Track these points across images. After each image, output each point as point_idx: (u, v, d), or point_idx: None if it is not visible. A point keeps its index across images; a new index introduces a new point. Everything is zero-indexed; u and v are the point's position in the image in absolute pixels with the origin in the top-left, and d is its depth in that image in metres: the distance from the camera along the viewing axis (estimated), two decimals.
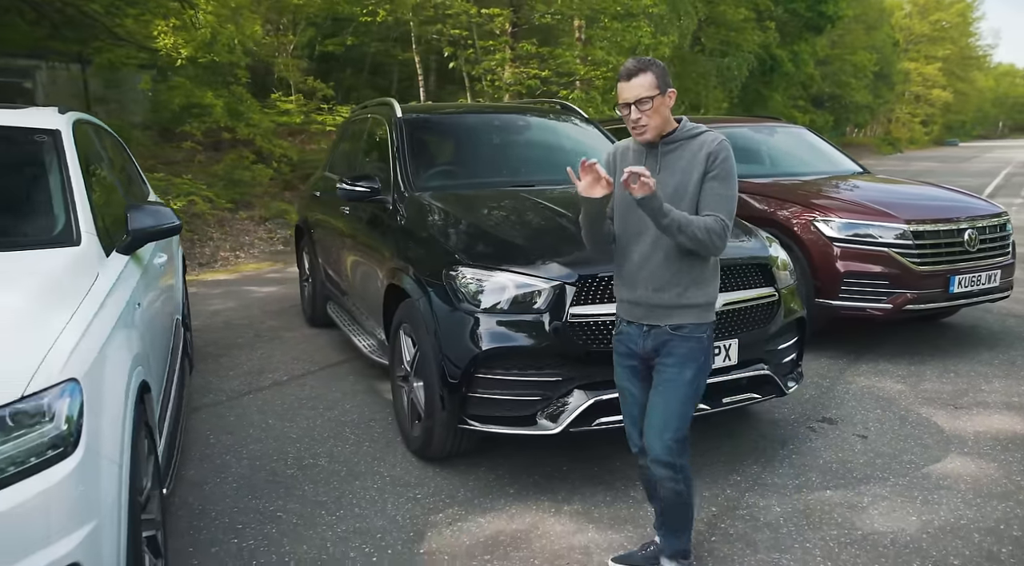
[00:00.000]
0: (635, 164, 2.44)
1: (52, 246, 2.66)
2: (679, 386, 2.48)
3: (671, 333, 2.47)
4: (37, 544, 1.71)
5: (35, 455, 1.76)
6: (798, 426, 4.17)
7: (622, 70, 2.42)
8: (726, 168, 2.40)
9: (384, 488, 3.48)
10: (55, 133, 3.14)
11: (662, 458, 2.49)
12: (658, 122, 2.40)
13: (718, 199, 2.38)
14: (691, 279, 2.45)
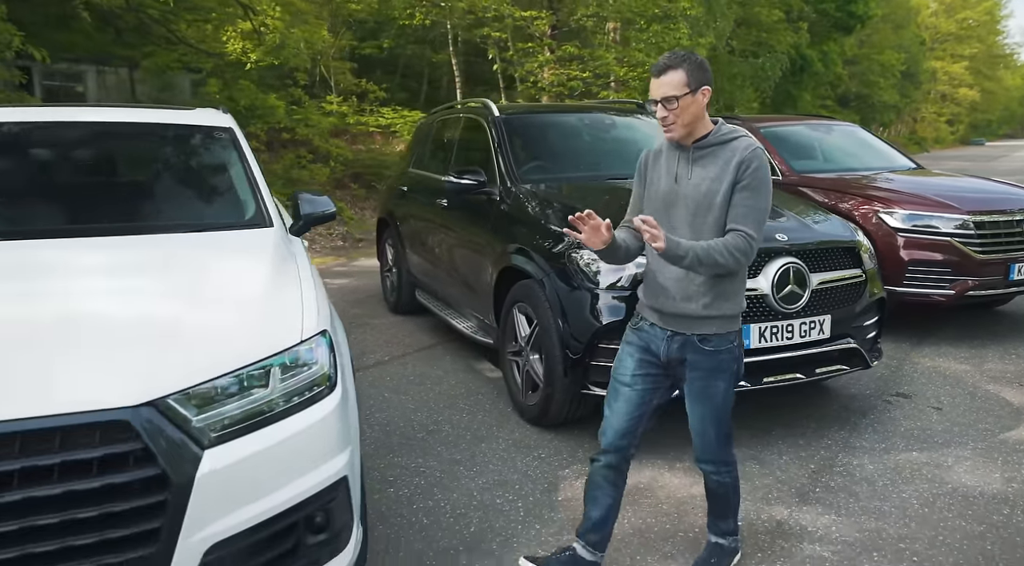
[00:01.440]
0: (667, 167, 2.45)
1: (251, 228, 3.07)
2: (714, 396, 2.50)
3: (698, 344, 2.44)
4: (322, 459, 2.11)
5: (308, 391, 2.15)
6: (875, 399, 4.51)
7: (655, 65, 2.37)
8: (758, 177, 2.33)
9: (509, 449, 3.87)
10: (230, 130, 3.56)
11: (710, 458, 2.61)
12: (687, 121, 2.33)
13: (746, 211, 2.32)
14: (719, 291, 2.41)
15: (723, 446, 2.60)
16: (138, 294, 2.30)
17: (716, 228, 2.37)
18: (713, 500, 2.74)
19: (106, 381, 1.82)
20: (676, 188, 2.42)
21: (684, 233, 2.38)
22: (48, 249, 2.62)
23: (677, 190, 2.42)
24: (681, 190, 2.41)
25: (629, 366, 2.55)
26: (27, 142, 3.32)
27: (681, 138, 2.38)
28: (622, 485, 2.65)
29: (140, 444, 1.76)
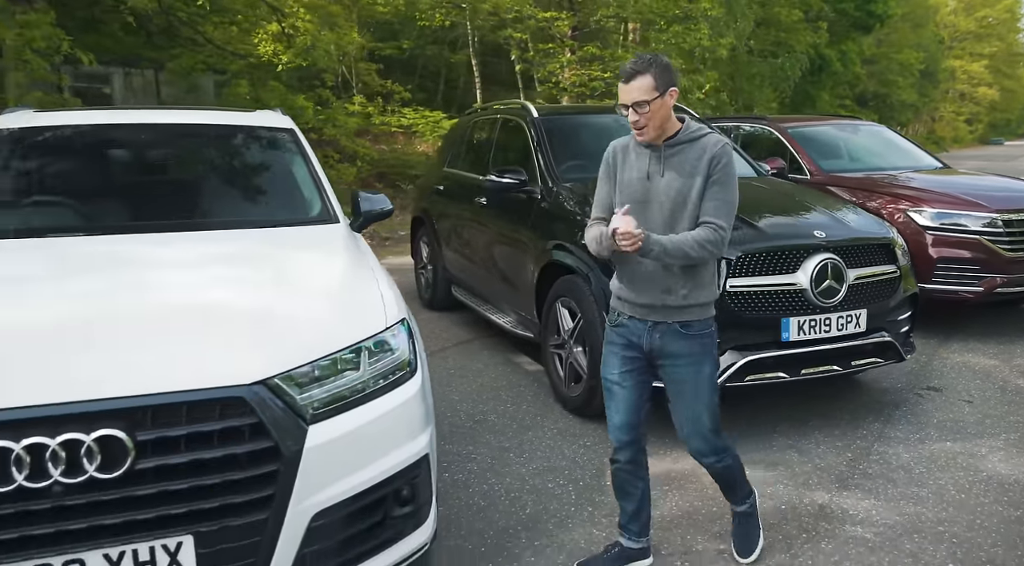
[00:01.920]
0: (638, 166, 2.51)
1: (319, 224, 3.25)
2: (700, 383, 2.55)
3: (681, 330, 2.51)
4: (407, 437, 2.27)
5: (392, 374, 2.31)
6: (907, 392, 4.64)
7: (621, 70, 2.45)
8: (727, 172, 2.43)
9: (555, 437, 4.03)
10: (292, 131, 3.75)
11: (703, 449, 2.64)
12: (657, 123, 2.42)
13: (718, 205, 2.41)
14: (695, 282, 2.50)
15: (718, 434, 2.64)
16: (235, 284, 2.48)
17: (691, 223, 2.45)
18: (723, 483, 2.81)
19: (222, 362, 1.99)
20: (649, 186, 2.48)
21: (659, 230, 2.44)
22: (140, 243, 2.81)
23: (650, 188, 2.48)
24: (654, 187, 2.47)
25: (615, 365, 2.62)
26: (109, 143, 3.51)
27: (653, 139, 2.46)
28: (646, 474, 2.76)
29: (254, 419, 1.94)
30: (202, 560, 1.89)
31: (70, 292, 2.30)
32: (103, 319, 2.12)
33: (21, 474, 1.75)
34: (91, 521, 1.81)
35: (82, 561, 1.81)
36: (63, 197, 3.16)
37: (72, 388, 1.83)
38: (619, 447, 2.68)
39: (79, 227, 2.99)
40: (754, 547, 2.86)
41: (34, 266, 2.57)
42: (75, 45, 7.11)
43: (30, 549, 1.78)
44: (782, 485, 3.47)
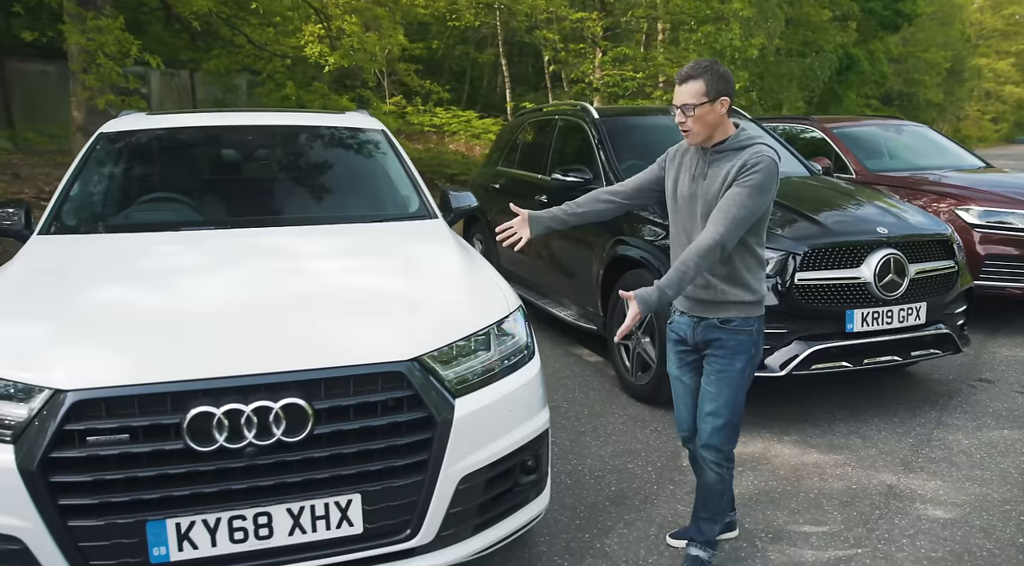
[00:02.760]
0: (692, 166, 2.57)
1: (420, 219, 3.48)
2: (730, 377, 2.57)
3: (720, 326, 2.56)
4: (531, 413, 2.50)
5: (515, 356, 2.53)
6: (960, 384, 4.81)
7: (679, 72, 2.48)
8: (753, 181, 2.39)
9: (626, 423, 4.25)
10: (384, 132, 3.99)
11: (711, 443, 2.63)
12: (701, 129, 2.45)
13: (728, 208, 2.39)
14: (733, 280, 2.53)
15: (731, 436, 2.64)
16: (374, 272, 2.72)
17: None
18: (707, 499, 2.73)
19: (381, 341, 2.23)
20: (694, 188, 2.55)
21: (697, 229, 2.52)
22: (272, 236, 3.05)
23: (695, 190, 2.55)
24: (699, 189, 2.54)
25: (673, 360, 2.75)
26: (224, 143, 3.78)
27: (700, 142, 2.51)
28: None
29: (411, 391, 2.17)
30: (367, 516, 2.13)
31: (235, 279, 2.55)
32: (273, 302, 2.38)
33: (221, 436, 1.99)
34: (277, 479, 2.05)
35: (269, 514, 2.05)
36: (187, 194, 3.42)
37: (261, 361, 2.08)
38: (687, 437, 2.81)
39: (207, 221, 3.25)
40: None
41: (189, 256, 2.82)
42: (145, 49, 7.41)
43: (227, 502, 2.02)
44: (850, 467, 3.67)
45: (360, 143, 3.92)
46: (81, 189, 3.36)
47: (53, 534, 1.93)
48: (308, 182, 3.66)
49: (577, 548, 2.99)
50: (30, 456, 1.91)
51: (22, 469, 1.91)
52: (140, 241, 2.96)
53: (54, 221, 3.17)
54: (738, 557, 2.92)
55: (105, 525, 1.95)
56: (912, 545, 2.99)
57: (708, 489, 2.72)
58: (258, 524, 2.05)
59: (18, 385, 1.99)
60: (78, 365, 2.02)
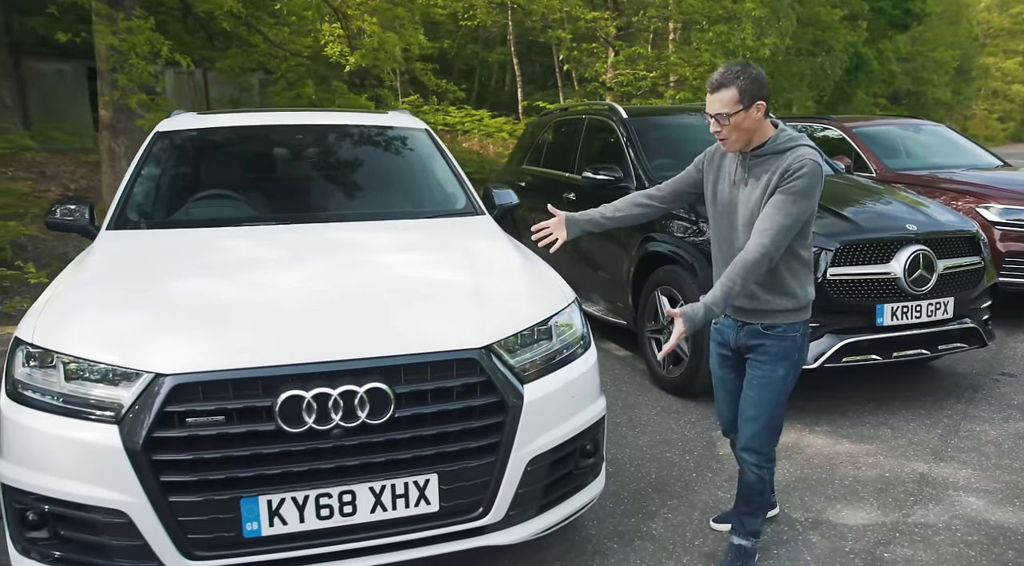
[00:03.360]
0: (731, 171, 2.55)
1: (468, 215, 3.60)
2: (772, 382, 2.55)
3: (763, 331, 2.54)
4: (590, 400, 2.63)
5: (573, 346, 2.65)
6: (983, 378, 4.92)
7: (710, 80, 2.41)
8: (797, 186, 2.34)
9: (660, 414, 4.36)
10: (428, 131, 4.11)
11: (751, 446, 2.64)
12: (739, 136, 2.40)
13: (772, 217, 2.35)
14: (778, 289, 2.50)
15: (771, 438, 2.65)
16: (439, 265, 2.85)
17: None
18: (748, 496, 2.74)
19: (455, 329, 2.35)
20: (734, 193, 2.53)
21: (740, 243, 2.48)
22: (334, 231, 3.17)
23: (735, 195, 2.52)
24: (740, 195, 2.51)
25: (715, 360, 2.78)
26: (277, 142, 3.91)
27: (737, 149, 2.47)
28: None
29: (484, 377, 2.29)
30: (444, 495, 2.25)
31: (310, 271, 2.67)
32: (349, 292, 2.51)
33: (310, 418, 2.12)
34: (362, 459, 2.18)
35: (353, 492, 2.17)
36: (245, 190, 3.55)
37: (345, 348, 2.20)
38: (727, 431, 2.91)
39: (267, 217, 3.38)
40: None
41: (260, 250, 2.95)
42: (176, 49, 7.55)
43: (315, 480, 2.15)
44: (881, 456, 3.78)
45: (406, 142, 4.04)
46: (142, 186, 3.49)
47: (156, 509, 2.05)
48: (359, 179, 3.79)
49: (625, 531, 3.11)
50: (135, 436, 2.04)
51: (128, 448, 2.04)
52: (208, 236, 3.09)
53: (120, 217, 3.30)
54: (780, 540, 3.04)
55: (203, 501, 2.08)
56: (948, 529, 3.10)
57: (749, 487, 2.73)
58: (343, 502, 2.17)
59: (121, 370, 2.12)
60: (176, 351, 2.14)
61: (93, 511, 2.07)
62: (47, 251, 8.23)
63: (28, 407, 2.17)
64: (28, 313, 2.49)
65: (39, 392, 2.19)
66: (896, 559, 2.89)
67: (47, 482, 2.10)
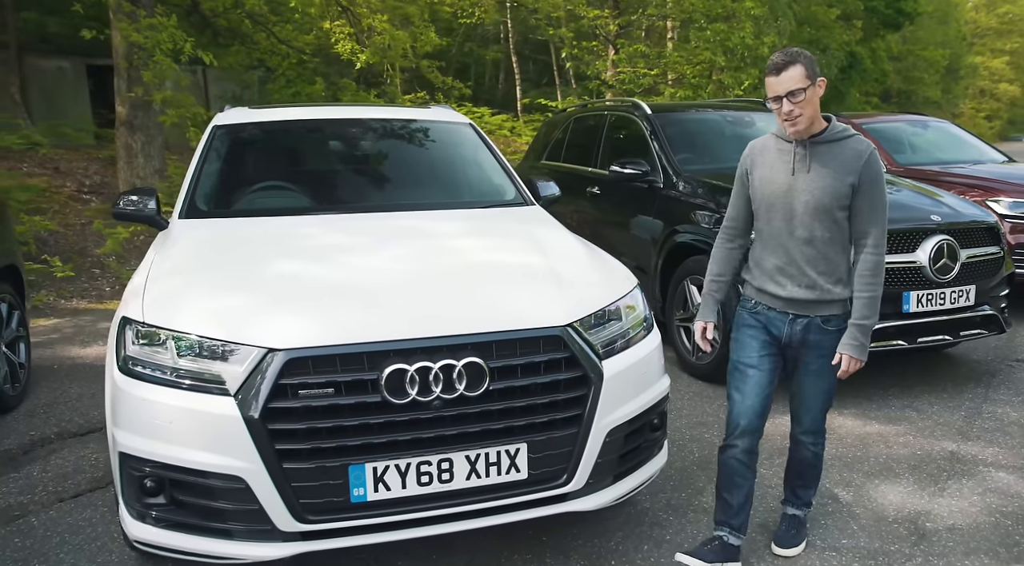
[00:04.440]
0: (777, 163, 2.54)
1: (520, 205, 3.75)
2: (830, 372, 2.61)
3: (822, 326, 2.56)
4: (657, 377, 2.79)
5: (637, 329, 2.80)
6: (998, 364, 5.12)
7: (770, 64, 2.41)
8: (880, 181, 2.47)
9: (694, 399, 4.53)
10: (472, 125, 4.25)
11: (813, 428, 2.75)
12: (811, 113, 2.41)
13: (874, 216, 2.47)
14: (836, 278, 2.53)
15: (824, 419, 2.77)
16: (510, 250, 3.00)
17: (831, 229, 2.49)
18: (803, 471, 2.85)
19: (539, 308, 2.50)
20: (793, 182, 2.50)
21: (800, 235, 2.51)
22: (404, 219, 3.31)
23: (794, 184, 2.49)
24: (799, 184, 2.48)
25: (754, 348, 2.65)
26: (332, 135, 4.05)
27: (803, 132, 2.45)
28: (756, 469, 2.76)
29: (568, 353, 2.44)
30: (532, 464, 2.40)
31: (395, 255, 2.82)
32: (435, 274, 2.66)
33: (413, 390, 2.26)
34: (459, 429, 2.32)
35: (451, 460, 2.32)
36: (305, 181, 3.69)
37: (442, 325, 2.35)
38: (741, 432, 2.67)
39: (330, 206, 3.52)
40: (799, 542, 2.89)
41: (337, 236, 3.08)
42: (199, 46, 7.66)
43: (417, 448, 2.29)
44: (911, 436, 3.96)
45: (453, 135, 4.18)
46: (207, 177, 3.61)
47: (271, 475, 2.19)
48: (412, 171, 3.92)
49: (678, 505, 3.27)
50: (252, 407, 2.18)
51: (246, 418, 2.18)
52: (283, 223, 3.22)
53: (190, 207, 3.43)
54: (826, 511, 3.21)
55: (315, 468, 2.22)
56: (983, 501, 3.28)
57: (805, 464, 2.82)
58: (441, 469, 2.32)
59: (234, 346, 2.26)
60: (286, 328, 2.28)
61: (212, 477, 2.21)
62: (67, 246, 8.33)
63: (142, 381, 2.31)
64: (128, 295, 2.62)
65: (151, 367, 2.33)
66: (938, 528, 3.06)
67: (167, 450, 2.23)
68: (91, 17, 10.21)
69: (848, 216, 2.50)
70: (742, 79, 16.76)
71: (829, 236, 2.51)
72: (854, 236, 2.53)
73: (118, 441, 2.32)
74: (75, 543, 2.98)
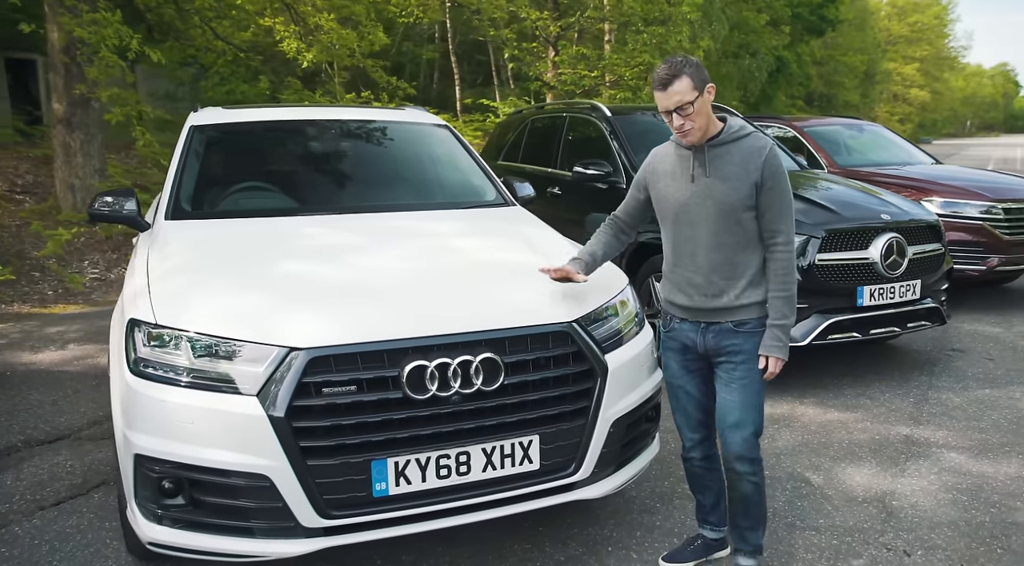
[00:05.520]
0: (677, 170, 2.49)
1: (501, 206, 3.84)
2: (753, 382, 2.47)
3: (735, 329, 2.46)
4: (650, 371, 2.91)
5: (630, 325, 2.92)
6: (937, 353, 5.47)
7: (656, 78, 2.34)
8: (781, 176, 2.39)
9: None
10: (448, 126, 4.32)
11: (744, 454, 2.50)
12: (702, 123, 2.35)
13: (781, 212, 2.40)
14: (747, 282, 2.45)
15: (756, 441, 2.53)
16: (506, 250, 3.08)
17: (737, 234, 2.42)
18: (748, 508, 2.61)
19: (545, 305, 2.60)
20: (694, 188, 2.44)
21: (706, 241, 2.43)
22: (389, 220, 3.36)
23: (696, 190, 2.43)
24: (701, 190, 2.42)
25: (674, 369, 2.65)
26: (311, 136, 4.05)
27: (698, 141, 2.40)
28: (720, 464, 2.71)
29: (575, 347, 2.55)
30: (544, 454, 2.50)
31: (397, 254, 2.86)
32: (440, 273, 2.73)
33: (433, 385, 2.33)
34: (476, 422, 2.40)
35: (468, 453, 2.39)
36: (290, 182, 3.70)
37: (457, 322, 2.42)
38: (692, 446, 2.71)
39: (317, 207, 3.53)
40: None
41: (335, 236, 3.11)
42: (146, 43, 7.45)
43: (436, 442, 2.36)
44: (868, 422, 4.22)
45: (431, 136, 4.24)
46: (189, 178, 3.58)
47: (296, 472, 2.23)
48: (393, 172, 3.96)
49: (663, 493, 3.42)
50: (277, 405, 2.21)
51: (271, 417, 2.21)
52: (275, 224, 3.23)
53: (176, 208, 3.39)
54: (801, 494, 3.41)
55: (339, 464, 2.26)
56: (940, 480, 3.53)
57: (746, 499, 2.59)
58: (459, 462, 2.39)
59: (257, 346, 2.28)
60: (307, 327, 2.32)
61: (235, 476, 2.23)
62: (3, 248, 8.01)
63: (158, 382, 2.31)
64: (130, 297, 2.61)
65: (165, 368, 2.33)
66: (903, 506, 3.29)
67: (187, 450, 2.24)
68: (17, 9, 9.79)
69: (755, 216, 2.42)
70: None
71: (735, 240, 2.43)
72: (764, 235, 2.44)
73: (133, 443, 2.30)
74: (67, 551, 2.93)
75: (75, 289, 7.41)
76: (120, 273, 8.07)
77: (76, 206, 8.76)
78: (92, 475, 3.57)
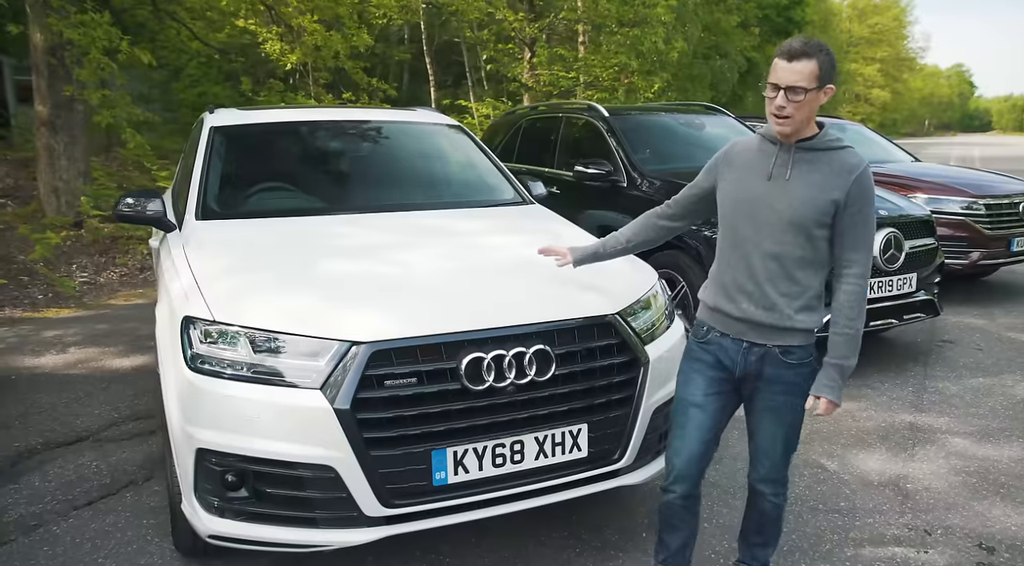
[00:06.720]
0: (757, 166, 2.23)
1: (521, 204, 3.91)
2: (794, 414, 2.30)
3: (780, 357, 2.23)
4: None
5: (662, 318, 3.01)
6: (928, 345, 5.66)
7: (786, 47, 2.09)
8: (869, 204, 2.16)
9: None
10: (461, 127, 4.39)
11: (774, 477, 2.40)
12: (803, 117, 2.10)
13: (862, 240, 2.16)
14: (803, 304, 2.21)
15: (786, 466, 2.41)
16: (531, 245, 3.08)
17: (804, 245, 2.17)
18: (763, 526, 2.52)
19: (589, 299, 2.68)
20: (768, 188, 2.19)
21: (766, 248, 2.19)
22: (420, 218, 3.42)
23: (769, 190, 2.19)
24: (775, 192, 2.18)
25: (700, 385, 2.35)
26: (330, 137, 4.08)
27: (790, 134, 2.15)
28: (699, 512, 2.51)
29: (619, 339, 2.64)
30: (591, 442, 2.58)
31: (437, 252, 2.93)
32: (483, 269, 2.81)
33: (490, 376, 2.40)
34: (530, 412, 2.48)
35: (522, 442, 2.47)
36: (312, 182, 3.74)
37: (510, 316, 2.50)
38: (678, 478, 2.39)
39: (344, 207, 3.57)
40: None
41: (371, 235, 3.15)
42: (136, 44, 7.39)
43: (492, 432, 2.43)
44: (873, 411, 4.37)
45: (446, 136, 4.30)
46: (214, 178, 3.60)
47: (361, 463, 2.28)
48: (417, 171, 4.02)
49: None
50: (342, 398, 2.26)
51: (337, 409, 2.26)
52: (308, 223, 3.27)
53: (204, 208, 3.41)
54: (818, 479, 3.54)
55: (401, 454, 2.32)
56: (948, 463, 3.69)
57: (764, 517, 2.48)
58: (513, 451, 2.46)
59: (319, 341, 2.33)
60: (367, 322, 2.37)
61: (301, 468, 2.28)
62: None
63: (219, 378, 2.35)
64: (180, 295, 2.64)
65: (224, 364, 2.37)
66: (918, 489, 3.44)
67: (253, 443, 2.28)
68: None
69: (828, 237, 2.17)
70: (653, 82, 17.46)
71: (800, 255, 2.18)
72: (835, 262, 2.21)
73: (195, 437, 2.34)
74: (110, 548, 2.95)
75: (65, 293, 7.32)
76: (110, 276, 8.00)
77: (61, 209, 8.64)
78: (120, 475, 3.57)
